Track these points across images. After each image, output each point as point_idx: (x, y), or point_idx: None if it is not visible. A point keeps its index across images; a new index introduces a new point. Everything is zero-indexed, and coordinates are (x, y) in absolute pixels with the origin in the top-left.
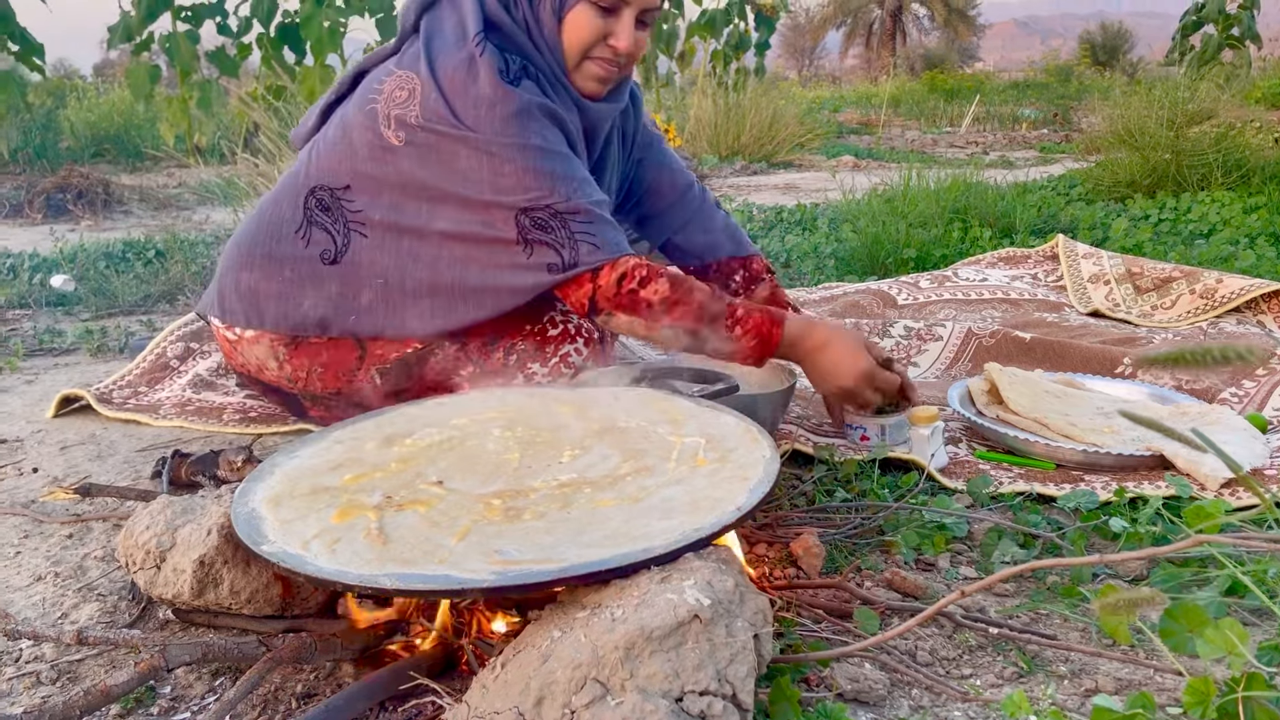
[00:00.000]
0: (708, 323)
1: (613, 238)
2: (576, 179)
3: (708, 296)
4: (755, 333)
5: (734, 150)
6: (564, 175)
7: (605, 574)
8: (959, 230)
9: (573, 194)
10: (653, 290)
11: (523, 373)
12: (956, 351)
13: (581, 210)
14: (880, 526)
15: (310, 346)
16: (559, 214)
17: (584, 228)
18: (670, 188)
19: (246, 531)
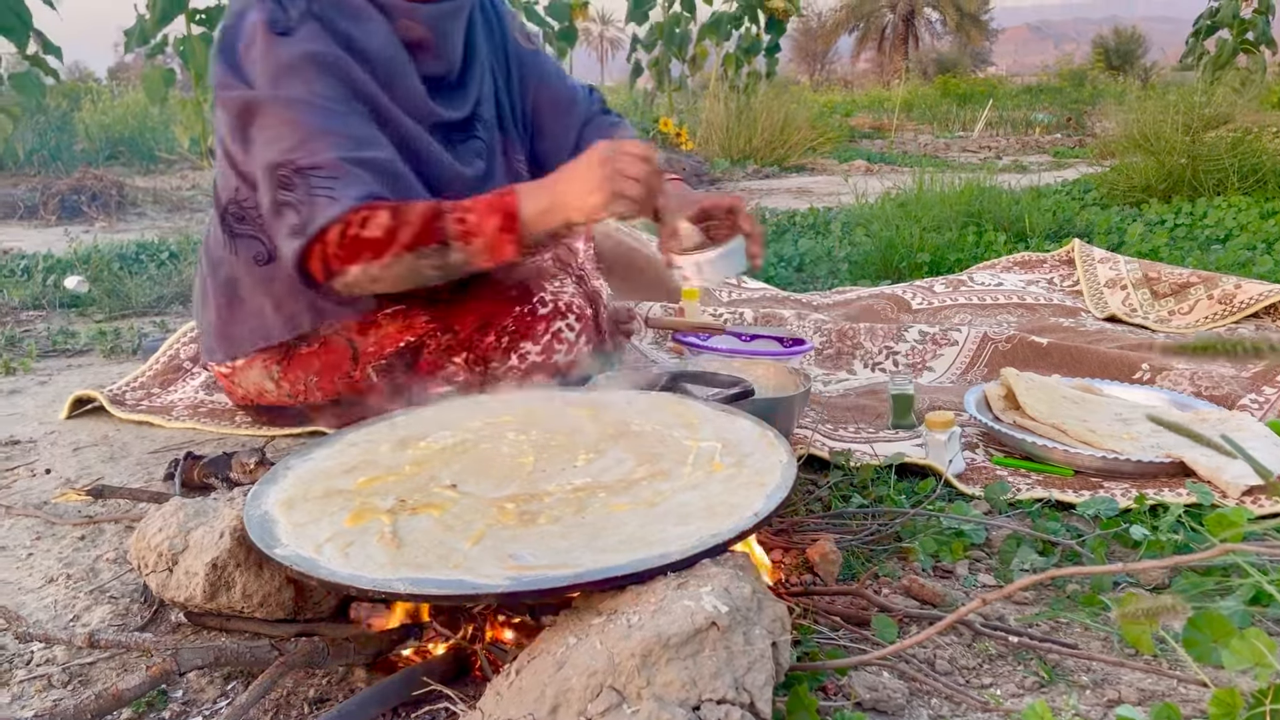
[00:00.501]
0: (438, 229)
1: (353, 192)
2: (334, 133)
3: (431, 206)
4: (490, 209)
5: (745, 154)
6: (319, 129)
7: (621, 580)
8: (973, 234)
9: (324, 149)
10: (373, 227)
11: (515, 353)
12: (972, 356)
13: (326, 165)
14: (897, 533)
15: (301, 357)
16: (301, 170)
17: (325, 183)
18: (551, 104)
19: (259, 535)
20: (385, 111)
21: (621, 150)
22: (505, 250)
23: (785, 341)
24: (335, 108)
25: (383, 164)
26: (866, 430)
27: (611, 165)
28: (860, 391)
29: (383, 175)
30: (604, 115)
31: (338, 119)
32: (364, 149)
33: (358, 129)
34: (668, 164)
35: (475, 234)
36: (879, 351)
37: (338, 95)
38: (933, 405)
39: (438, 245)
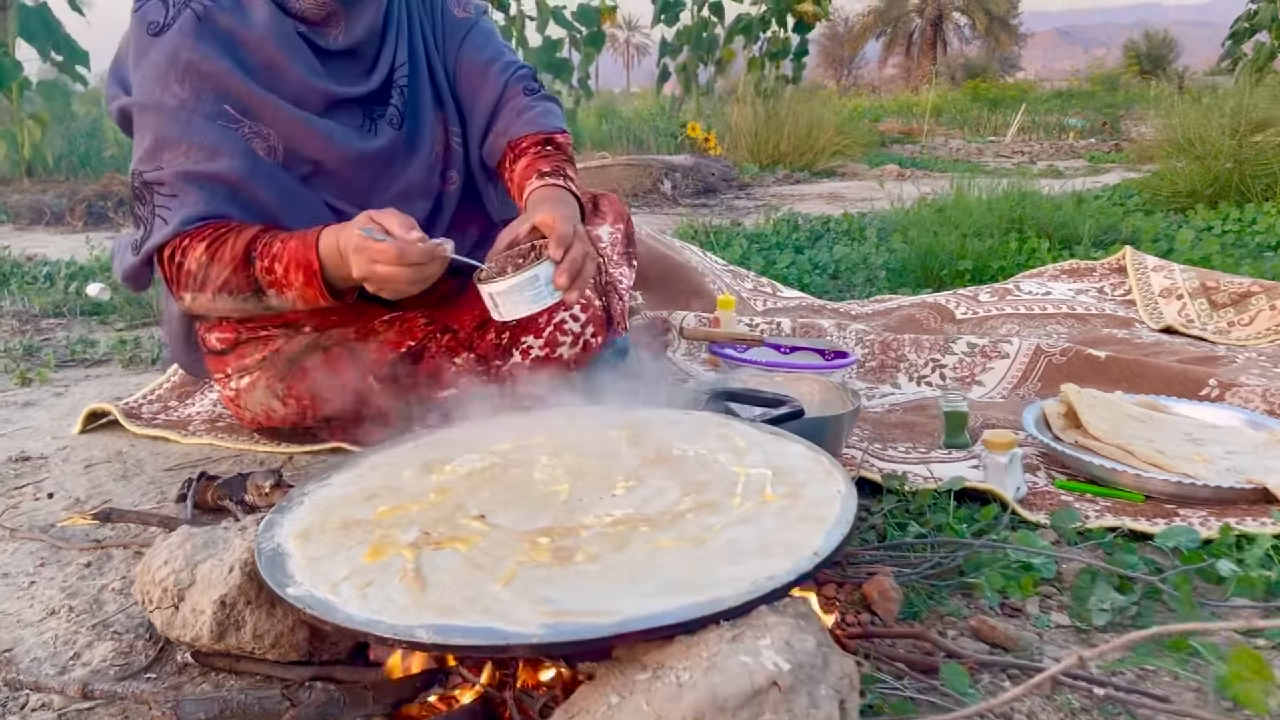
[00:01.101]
0: (248, 279)
1: (183, 214)
2: (184, 143)
3: (244, 247)
4: (295, 263)
5: (774, 159)
6: (169, 139)
7: (668, 629)
8: (1016, 241)
9: (169, 160)
10: (190, 260)
11: (517, 349)
12: (1024, 370)
13: (167, 181)
14: (960, 566)
15: (303, 372)
16: (148, 184)
17: (166, 201)
18: (466, 76)
19: (270, 571)
20: (259, 103)
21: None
22: (318, 301)
23: (827, 354)
24: (192, 115)
25: (225, 177)
26: (917, 450)
27: (373, 281)
28: (907, 407)
29: (225, 191)
30: (525, 96)
31: (193, 126)
32: (211, 160)
33: (210, 136)
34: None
35: (285, 285)
36: (924, 364)
37: (200, 96)
38: (985, 423)
39: (250, 293)
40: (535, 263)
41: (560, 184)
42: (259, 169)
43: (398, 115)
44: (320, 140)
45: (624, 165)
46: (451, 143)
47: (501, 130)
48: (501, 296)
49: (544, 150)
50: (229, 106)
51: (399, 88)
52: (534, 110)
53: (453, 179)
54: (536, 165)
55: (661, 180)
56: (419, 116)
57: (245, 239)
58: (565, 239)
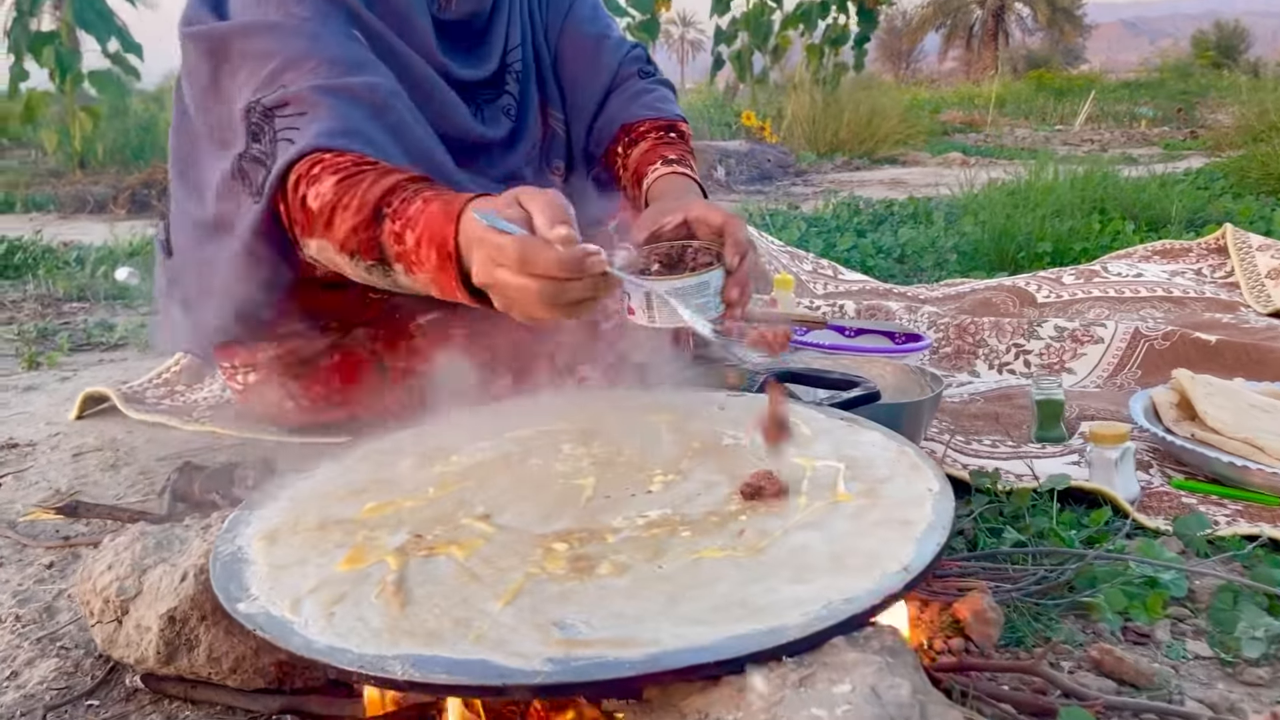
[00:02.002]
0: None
1: (315, 128)
2: (313, 58)
3: (380, 192)
4: (429, 237)
5: (833, 146)
6: (294, 57)
7: (714, 667)
8: (1098, 222)
9: (297, 79)
10: (315, 194)
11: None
12: (1122, 356)
13: (293, 99)
14: (1070, 581)
15: (321, 372)
16: (268, 111)
17: (292, 120)
18: (574, 54)
19: (223, 581)
20: (386, 45)
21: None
22: (457, 296)
23: (897, 337)
24: (321, 29)
25: (369, 90)
26: (1005, 444)
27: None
28: (989, 396)
29: (368, 108)
30: (639, 79)
31: (324, 41)
32: (351, 74)
33: (347, 51)
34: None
35: (416, 264)
36: (1006, 350)
37: (325, 15)
38: (1082, 414)
39: (375, 262)
40: (707, 267)
41: (690, 175)
42: (404, 98)
43: (513, 105)
44: (443, 107)
45: None
46: (553, 128)
47: (614, 115)
48: (661, 300)
49: (666, 137)
50: (359, 35)
51: (513, 73)
52: (652, 94)
53: (557, 169)
54: (660, 151)
55: (715, 167)
56: (529, 104)
57: (386, 184)
58: (742, 245)
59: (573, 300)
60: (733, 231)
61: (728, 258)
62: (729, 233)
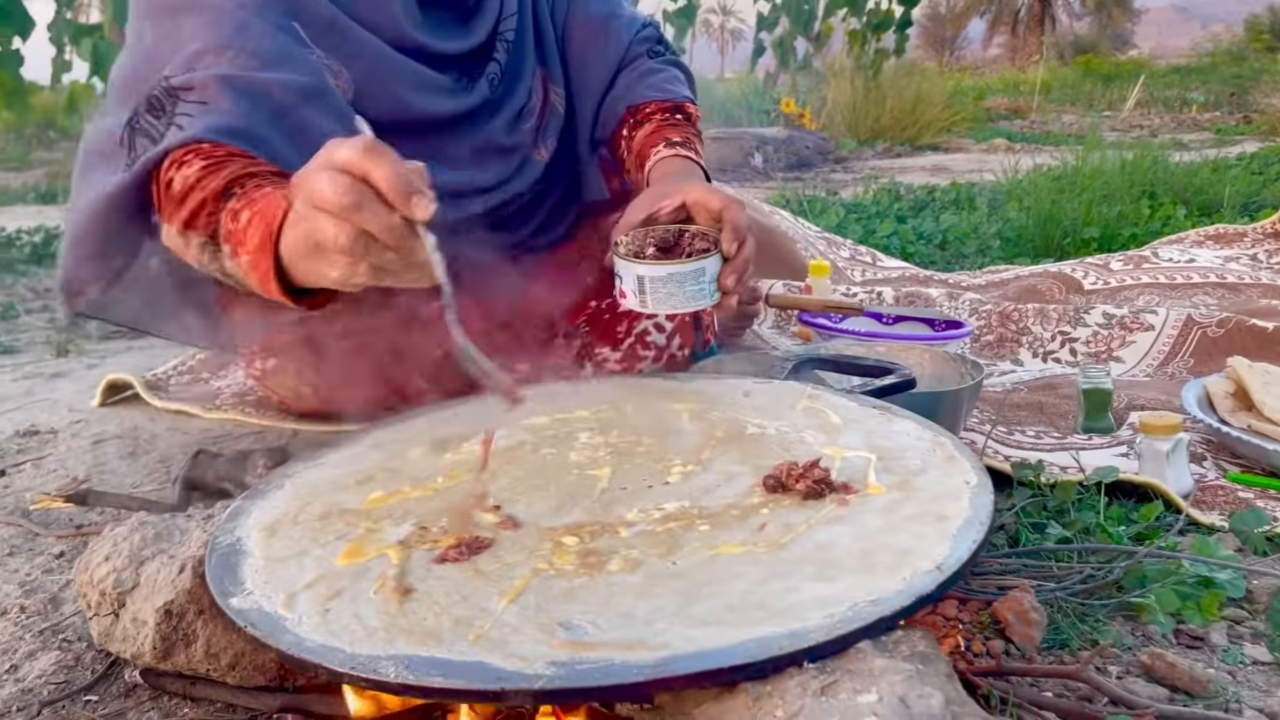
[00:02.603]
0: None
1: (212, 121)
2: (234, 49)
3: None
4: (262, 213)
5: (874, 133)
6: (216, 43)
7: (730, 672)
8: (1148, 207)
9: (213, 64)
10: (182, 175)
11: (590, 360)
12: (1174, 344)
13: (198, 85)
14: (1119, 580)
15: (334, 361)
16: (171, 90)
17: (190, 109)
18: (580, 30)
19: (218, 574)
20: (341, 29)
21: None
22: (270, 287)
23: (937, 324)
24: (251, 17)
25: (280, 88)
26: (1050, 435)
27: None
28: (1033, 385)
29: (271, 108)
30: (649, 59)
31: (251, 31)
32: (267, 69)
33: (270, 44)
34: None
35: (240, 244)
36: (1051, 337)
37: (262, 3)
38: (1131, 404)
39: (208, 239)
40: (703, 254)
41: (694, 158)
42: (326, 96)
43: (498, 74)
44: (406, 89)
45: (711, 139)
46: (552, 104)
47: (620, 95)
48: (656, 284)
49: (672, 119)
50: (298, 26)
51: (505, 41)
52: (661, 75)
53: (548, 147)
54: (664, 133)
55: (752, 153)
56: (518, 74)
57: (248, 169)
58: (741, 231)
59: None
60: (731, 217)
61: (725, 244)
62: (727, 218)
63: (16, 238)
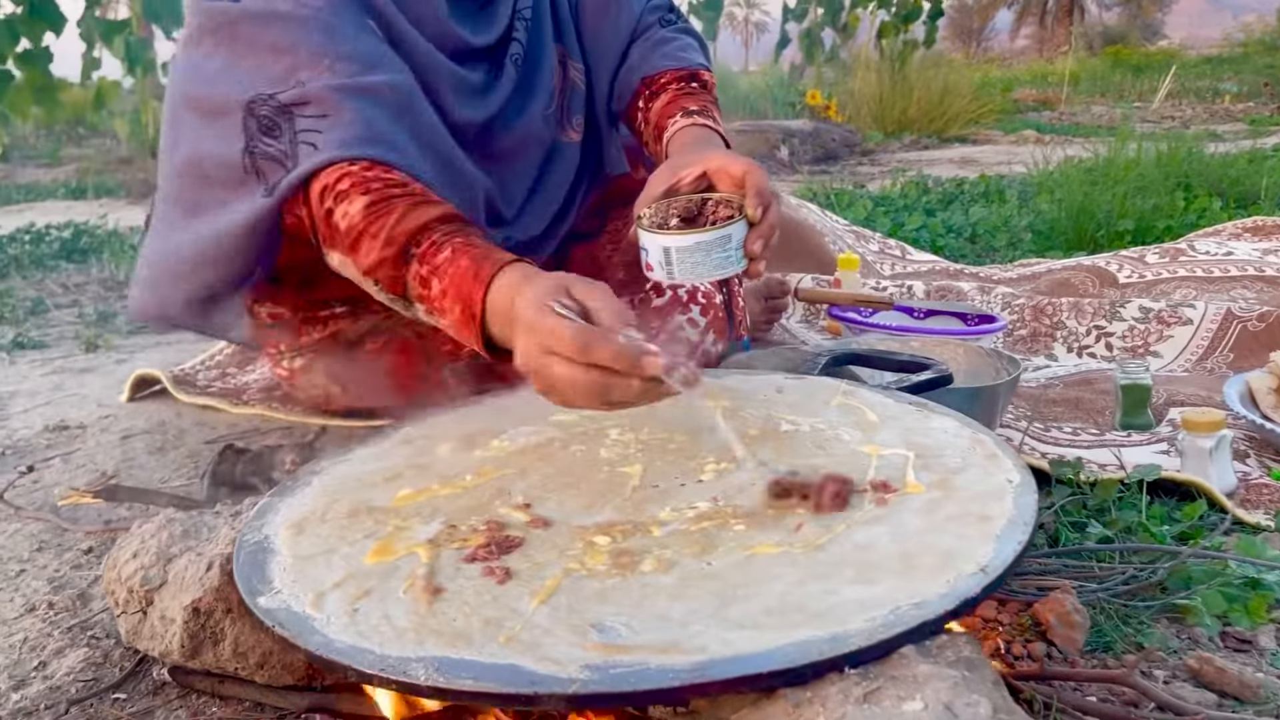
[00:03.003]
0: (398, 278)
1: (345, 134)
2: (331, 55)
3: (409, 232)
4: (456, 292)
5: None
6: (309, 53)
7: (768, 678)
8: (1183, 199)
9: (315, 76)
10: (341, 214)
11: None
12: (1213, 338)
13: (314, 99)
14: (1163, 581)
15: (365, 358)
16: (284, 108)
17: (313, 123)
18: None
19: (246, 573)
20: (400, 33)
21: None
22: (474, 347)
23: (969, 319)
24: (334, 20)
25: (391, 90)
26: (1087, 431)
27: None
28: (1068, 381)
29: (391, 108)
30: (661, 28)
31: (340, 35)
32: (370, 72)
33: (363, 46)
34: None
35: (439, 311)
36: (1086, 332)
37: (339, 4)
38: (1170, 400)
39: (399, 295)
40: (728, 221)
41: (713, 126)
42: (419, 93)
43: (520, 53)
44: (449, 94)
45: (737, 131)
46: (573, 81)
47: (634, 65)
48: (682, 254)
49: (688, 87)
50: (373, 24)
51: (523, 20)
52: (674, 44)
53: (577, 125)
54: (681, 102)
55: (778, 147)
56: (540, 52)
57: (414, 222)
58: (765, 195)
59: (618, 400)
60: (755, 181)
61: (749, 209)
62: (751, 183)
63: (46, 233)
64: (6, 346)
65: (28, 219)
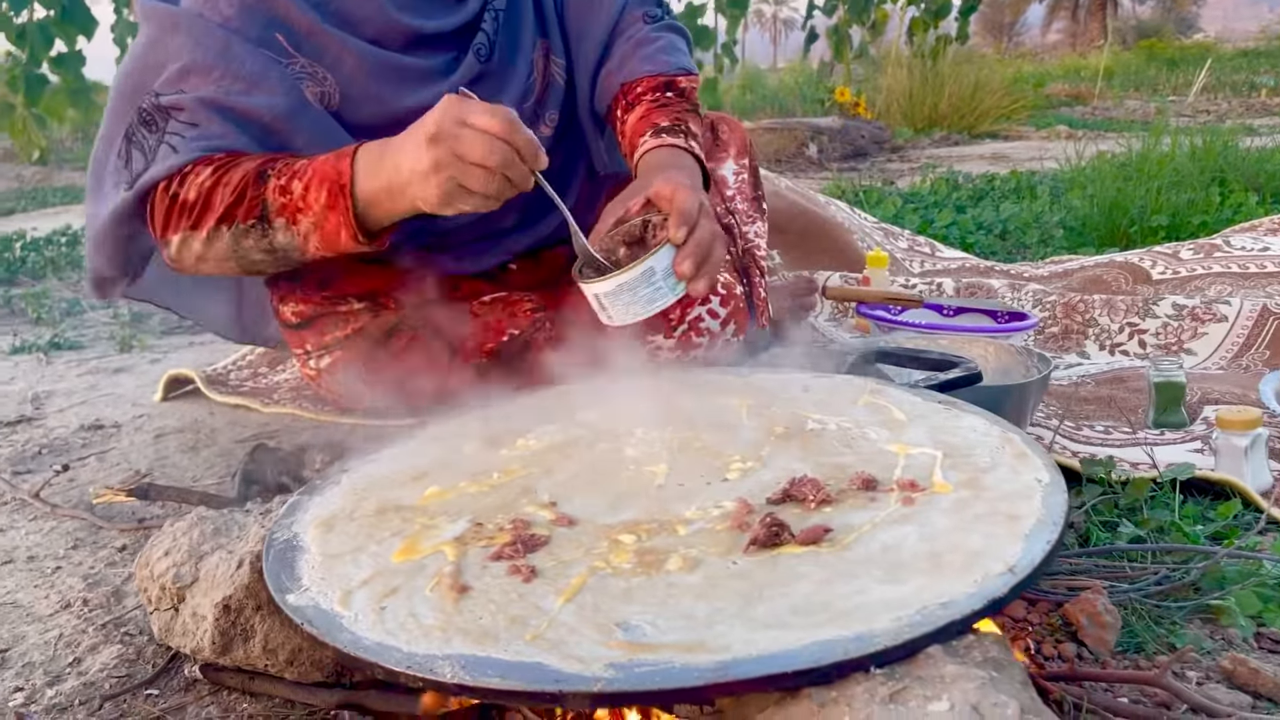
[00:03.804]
0: (255, 199)
1: (204, 144)
2: (220, 70)
3: (259, 164)
4: (320, 177)
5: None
6: (202, 63)
7: (793, 678)
8: (1219, 194)
9: (196, 85)
10: (191, 187)
11: (644, 348)
12: (1248, 335)
13: (188, 107)
14: (1196, 582)
15: (388, 355)
16: (163, 108)
17: (181, 129)
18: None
19: (275, 570)
20: (322, 39)
21: (462, 120)
22: (340, 238)
23: (999, 316)
24: (233, 36)
25: (260, 115)
26: (1119, 430)
27: (446, 146)
28: (1100, 379)
29: (257, 130)
30: (645, 24)
31: (233, 51)
32: (248, 94)
33: (251, 65)
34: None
35: (300, 210)
36: (1119, 329)
37: (248, 17)
38: (1204, 397)
39: (255, 221)
40: (650, 251)
41: (680, 144)
42: (304, 114)
43: (486, 44)
44: (387, 87)
45: (765, 129)
46: (553, 77)
47: (615, 67)
48: (610, 299)
49: (663, 98)
50: (281, 36)
51: (493, 11)
52: (655, 44)
53: (550, 120)
54: (652, 118)
55: (807, 144)
56: (514, 46)
57: (265, 156)
58: (688, 216)
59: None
60: (679, 204)
61: (671, 231)
62: (675, 205)
63: (82, 235)
64: (44, 347)
65: (64, 221)
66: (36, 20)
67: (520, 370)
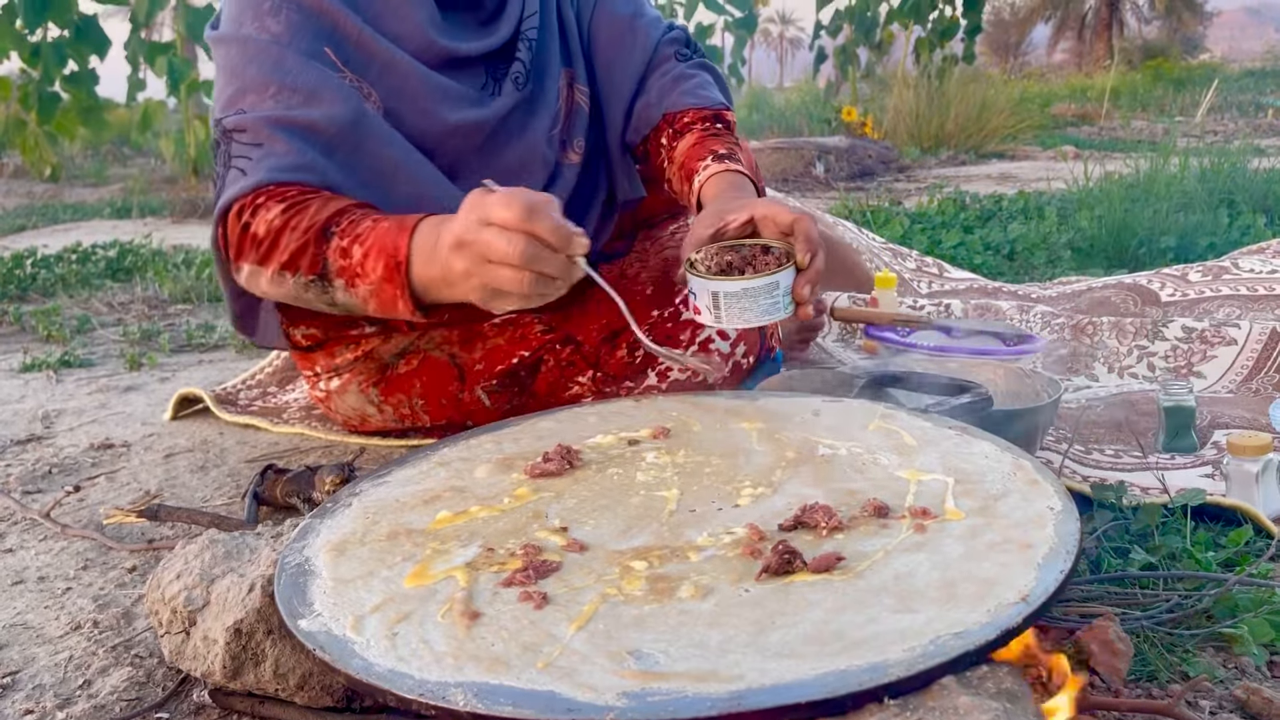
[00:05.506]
0: (318, 257)
1: (272, 164)
2: (274, 84)
3: (328, 215)
4: (379, 249)
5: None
6: (258, 79)
7: (806, 709)
8: (1227, 216)
9: (255, 104)
10: (261, 222)
11: (653, 370)
12: (1258, 358)
13: (250, 127)
14: (1208, 609)
15: (400, 378)
16: (227, 132)
17: (245, 150)
18: (607, 29)
19: (287, 595)
20: (370, 50)
21: (484, 219)
22: (397, 307)
23: (1008, 339)
24: (285, 51)
25: (323, 127)
26: (1129, 454)
27: (472, 252)
28: (1109, 402)
29: (322, 144)
30: (679, 63)
31: (286, 65)
32: (307, 105)
33: (306, 78)
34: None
35: (359, 276)
36: (1128, 352)
37: (296, 31)
38: (1214, 421)
39: (316, 277)
40: (782, 267)
41: (743, 171)
42: (366, 122)
43: (523, 73)
44: (433, 103)
45: (772, 149)
46: (577, 103)
47: (655, 100)
48: (730, 300)
49: (713, 128)
50: (330, 50)
51: (527, 40)
52: (693, 80)
53: (579, 147)
54: (709, 145)
55: (814, 163)
56: (544, 73)
57: (333, 208)
58: (814, 242)
59: (546, 272)
60: (804, 229)
61: (799, 255)
62: (800, 230)
63: (92, 252)
64: (54, 364)
65: (74, 238)
66: (50, 39)
67: (529, 392)
